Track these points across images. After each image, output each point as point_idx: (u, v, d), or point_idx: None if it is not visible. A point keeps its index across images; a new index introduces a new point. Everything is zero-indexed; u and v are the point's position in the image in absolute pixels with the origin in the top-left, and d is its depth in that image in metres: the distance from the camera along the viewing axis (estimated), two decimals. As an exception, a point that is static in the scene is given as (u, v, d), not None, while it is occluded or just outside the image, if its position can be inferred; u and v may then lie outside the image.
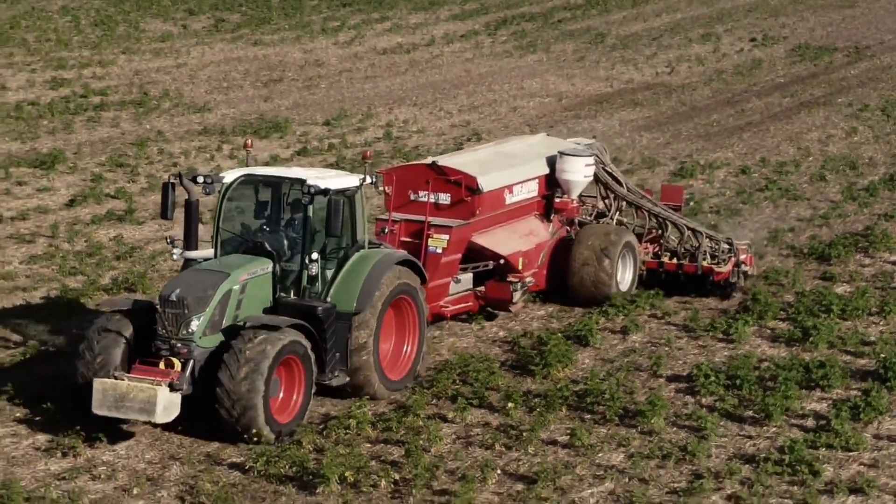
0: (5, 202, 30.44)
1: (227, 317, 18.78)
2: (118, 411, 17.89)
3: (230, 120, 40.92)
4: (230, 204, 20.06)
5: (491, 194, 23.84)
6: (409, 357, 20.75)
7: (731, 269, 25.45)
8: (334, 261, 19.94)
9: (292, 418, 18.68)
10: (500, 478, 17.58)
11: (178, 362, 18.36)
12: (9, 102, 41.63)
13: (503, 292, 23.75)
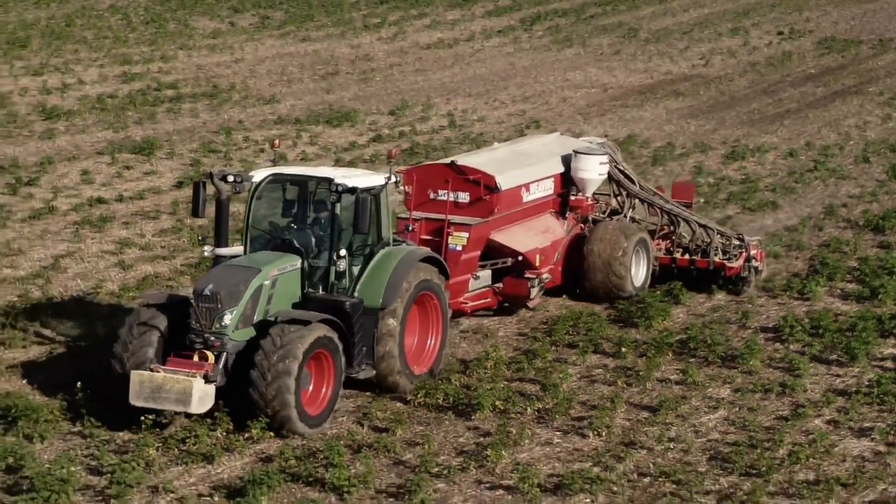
0: (120, 184, 33.29)
1: (259, 311, 19.45)
2: (155, 402, 18.55)
3: (299, 110, 43.79)
4: (259, 202, 20.70)
5: (509, 193, 24.48)
6: (432, 351, 21.43)
7: (743, 265, 26.19)
8: (360, 257, 20.59)
9: (322, 410, 19.33)
10: (627, 407, 20.47)
11: (211, 355, 18.96)
12: (89, 95, 44.46)
13: (521, 288, 24.34)
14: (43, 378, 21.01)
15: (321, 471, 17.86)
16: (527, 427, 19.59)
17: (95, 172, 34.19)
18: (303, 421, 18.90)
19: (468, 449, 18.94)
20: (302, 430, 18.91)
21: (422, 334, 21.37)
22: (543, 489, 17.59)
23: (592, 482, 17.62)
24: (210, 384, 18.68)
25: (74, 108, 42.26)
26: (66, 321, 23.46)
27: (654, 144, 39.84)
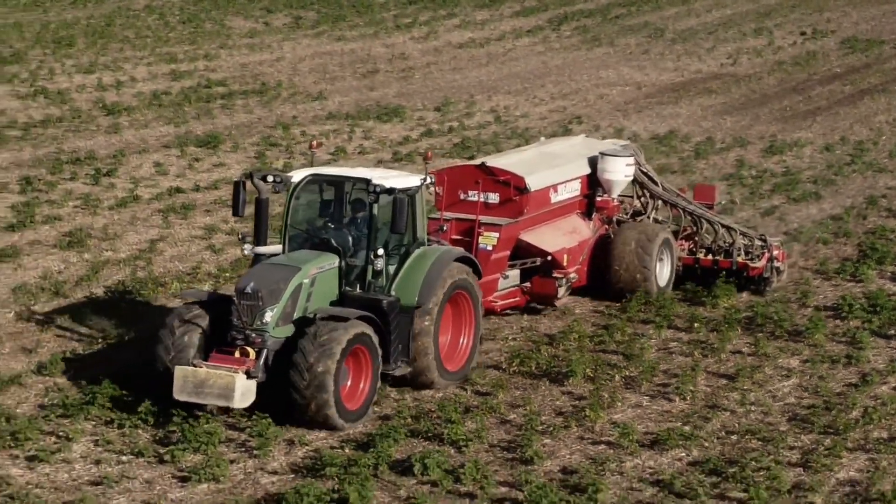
0: (193, 175, 35.14)
1: (298, 308, 19.91)
2: (198, 397, 19.06)
3: (348, 106, 45.62)
4: (298, 202, 21.21)
5: (538, 193, 24.97)
6: (465, 349, 21.89)
7: (765, 265, 26.73)
8: (396, 257, 21.01)
9: (360, 405, 19.83)
10: (706, 375, 22.32)
11: (252, 351, 19.44)
12: (143, 92, 46.31)
13: (549, 287, 24.83)
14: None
15: (438, 427, 19.66)
16: (617, 392, 21.42)
17: (168, 164, 36.01)
18: (341, 415, 19.40)
19: (566, 410, 20.77)
20: (340, 424, 19.40)
21: (455, 332, 21.84)
22: (641, 444, 19.40)
23: (686, 438, 19.44)
24: (252, 380, 19.18)
25: (133, 104, 44.10)
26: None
27: (695, 139, 41.69)
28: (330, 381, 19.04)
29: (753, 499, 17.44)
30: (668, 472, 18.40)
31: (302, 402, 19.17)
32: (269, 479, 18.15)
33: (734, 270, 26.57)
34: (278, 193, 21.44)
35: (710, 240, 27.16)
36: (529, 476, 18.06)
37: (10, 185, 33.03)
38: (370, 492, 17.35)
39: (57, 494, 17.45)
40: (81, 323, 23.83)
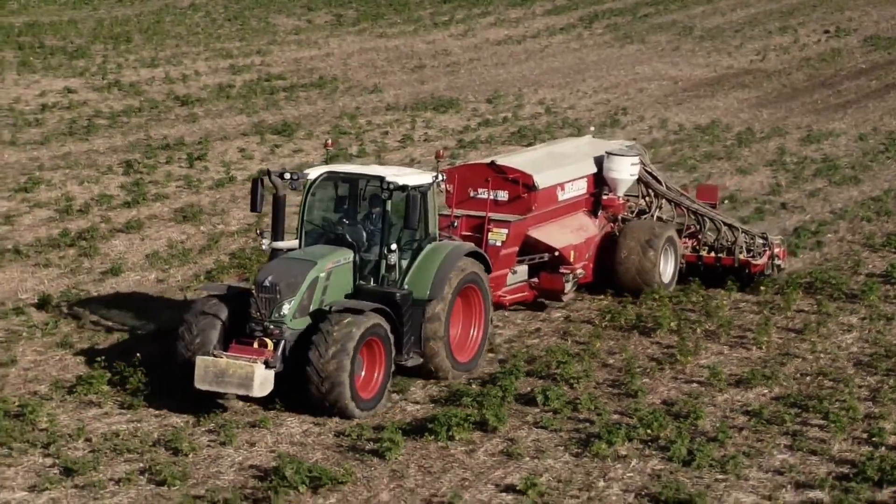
0: (276, 159, 38.21)
1: (315, 301, 20.66)
2: (218, 386, 19.76)
3: (404, 99, 48.74)
4: (313, 198, 21.96)
5: (545, 191, 25.79)
6: (475, 341, 22.77)
7: (767, 262, 27.71)
8: (409, 252, 21.77)
9: (374, 395, 20.64)
10: (776, 330, 25.40)
11: (270, 342, 20.16)
12: (209, 85, 49.44)
13: (556, 283, 25.72)
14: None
15: (550, 369, 22.75)
16: (700, 342, 24.52)
17: (251, 150, 39.10)
18: (356, 404, 20.20)
19: (658, 356, 23.86)
20: (355, 413, 20.21)
21: (465, 325, 22.66)
22: (728, 383, 22.49)
23: (767, 378, 22.54)
24: (270, 370, 19.88)
25: (202, 96, 47.20)
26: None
27: (736, 129, 44.77)
28: (345, 372, 19.81)
29: (834, 423, 20.50)
30: (755, 405, 21.48)
31: (318, 391, 19.95)
32: (414, 408, 21.22)
33: (736, 267, 27.52)
34: (295, 190, 22.25)
35: (713, 238, 27.97)
36: (637, 405, 21.15)
37: (113, 168, 36.11)
38: (504, 416, 20.42)
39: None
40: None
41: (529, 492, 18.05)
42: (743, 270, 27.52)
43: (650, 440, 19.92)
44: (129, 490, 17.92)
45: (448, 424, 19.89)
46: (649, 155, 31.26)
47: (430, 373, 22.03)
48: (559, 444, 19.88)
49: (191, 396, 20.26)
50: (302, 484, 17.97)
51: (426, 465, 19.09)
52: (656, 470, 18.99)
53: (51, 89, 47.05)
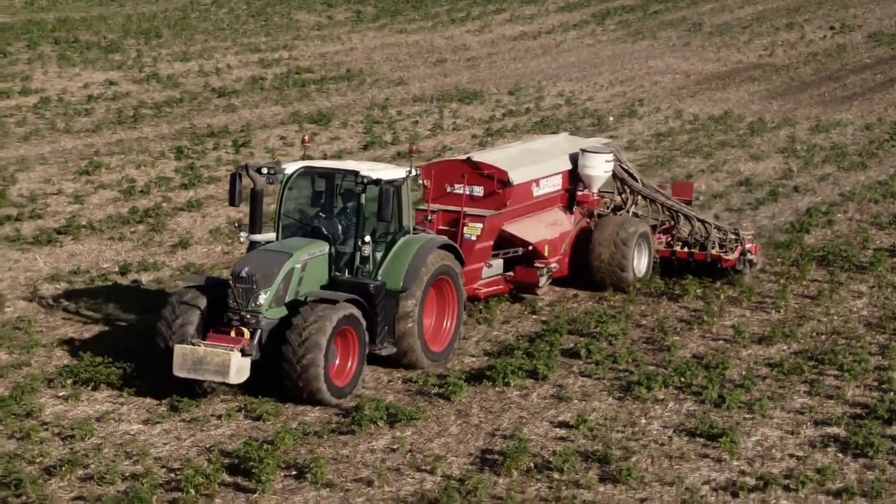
0: (315, 146, 40.82)
1: (290, 292, 21.33)
2: (196, 373, 20.44)
3: (429, 91, 51.36)
4: (290, 193, 22.62)
5: (520, 187, 26.53)
6: (448, 331, 23.49)
7: (738, 257, 28.59)
8: (383, 244, 22.48)
9: (348, 382, 21.31)
10: (793, 296, 27.99)
11: (247, 331, 20.85)
12: (241, 78, 52.06)
13: (531, 276, 26.46)
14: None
15: (589, 328, 25.36)
16: (724, 306, 27.14)
17: (290, 138, 41.72)
18: (330, 391, 20.87)
19: (686, 318, 26.48)
20: (329, 399, 20.89)
21: (439, 316, 23.37)
22: (751, 340, 25.11)
23: (786, 336, 25.15)
24: (246, 357, 20.56)
25: (237, 87, 49.83)
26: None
27: (747, 119, 47.40)
28: (320, 360, 20.47)
29: (848, 372, 23.13)
30: (776, 358, 24.09)
31: (293, 379, 20.64)
32: (471, 360, 23.84)
33: (708, 262, 28.38)
34: (272, 185, 22.99)
35: (687, 233, 28.80)
36: (670, 358, 23.78)
37: (165, 154, 38.73)
38: (553, 365, 23.05)
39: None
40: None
41: (581, 427, 20.64)
42: (715, 265, 28.42)
43: (684, 387, 22.53)
44: (230, 423, 20.52)
45: (504, 372, 22.50)
46: (654, 152, 33.78)
47: (404, 362, 22.74)
48: (603, 389, 22.49)
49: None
50: (381, 419, 20.56)
51: (487, 405, 21.70)
52: (691, 411, 21.59)
53: (93, 81, 49.65)
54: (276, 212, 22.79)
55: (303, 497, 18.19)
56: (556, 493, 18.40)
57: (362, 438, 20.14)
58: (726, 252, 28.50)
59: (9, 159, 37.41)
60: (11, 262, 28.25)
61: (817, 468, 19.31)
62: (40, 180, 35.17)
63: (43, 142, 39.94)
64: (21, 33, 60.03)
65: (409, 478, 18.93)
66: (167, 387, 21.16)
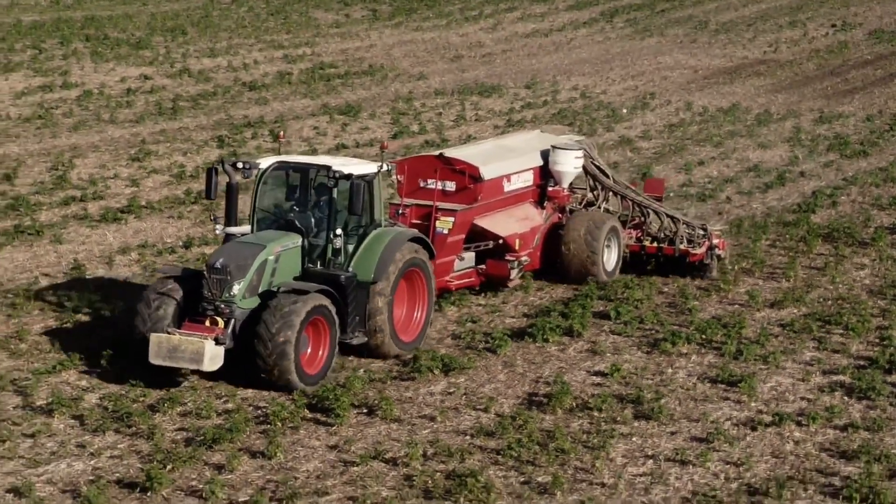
0: (348, 136, 43.55)
1: (264, 282, 22.07)
2: (171, 361, 21.14)
3: (450, 85, 54.13)
4: (265, 187, 23.38)
5: (491, 182, 27.32)
6: (419, 322, 24.33)
7: (706, 252, 29.43)
8: (355, 237, 23.25)
9: (319, 370, 22.11)
10: (801, 268, 30.70)
11: (221, 321, 21.56)
12: (269, 73, 54.83)
13: (502, 269, 27.36)
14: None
15: (616, 295, 28.08)
16: (738, 276, 29.87)
17: (323, 128, 44.45)
18: (301, 379, 21.69)
19: (704, 286, 29.20)
20: (300, 386, 21.69)
21: (410, 306, 24.19)
22: (764, 304, 27.84)
23: (796, 300, 27.90)
24: (220, 346, 21.29)
25: (266, 82, 52.59)
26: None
27: (755, 111, 50.17)
28: (291, 349, 21.28)
29: (852, 331, 25.88)
30: (787, 319, 26.83)
31: (266, 367, 21.43)
32: (511, 320, 26.58)
33: (676, 257, 29.38)
34: (247, 179, 23.90)
35: (656, 228, 29.77)
36: (692, 319, 26.53)
37: (208, 142, 41.48)
38: (586, 324, 25.80)
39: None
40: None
41: (614, 375, 23.39)
42: (683, 259, 29.42)
43: (705, 342, 25.27)
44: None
45: (543, 330, 25.26)
46: (648, 151, 36.31)
47: (375, 351, 23.57)
48: (632, 345, 25.23)
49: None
50: (437, 368, 23.31)
51: (529, 358, 24.45)
52: (712, 362, 24.33)
53: (128, 76, 52.41)
54: (251, 205, 23.61)
55: (375, 430, 20.90)
56: (597, 427, 21.12)
57: (421, 384, 22.89)
58: (694, 247, 29.40)
59: (63, 147, 40.18)
60: (83, 237, 30.97)
61: (826, 407, 22.05)
62: (96, 166, 37.93)
63: (91, 131, 42.70)
64: (52, 30, 62.75)
65: (466, 415, 21.66)
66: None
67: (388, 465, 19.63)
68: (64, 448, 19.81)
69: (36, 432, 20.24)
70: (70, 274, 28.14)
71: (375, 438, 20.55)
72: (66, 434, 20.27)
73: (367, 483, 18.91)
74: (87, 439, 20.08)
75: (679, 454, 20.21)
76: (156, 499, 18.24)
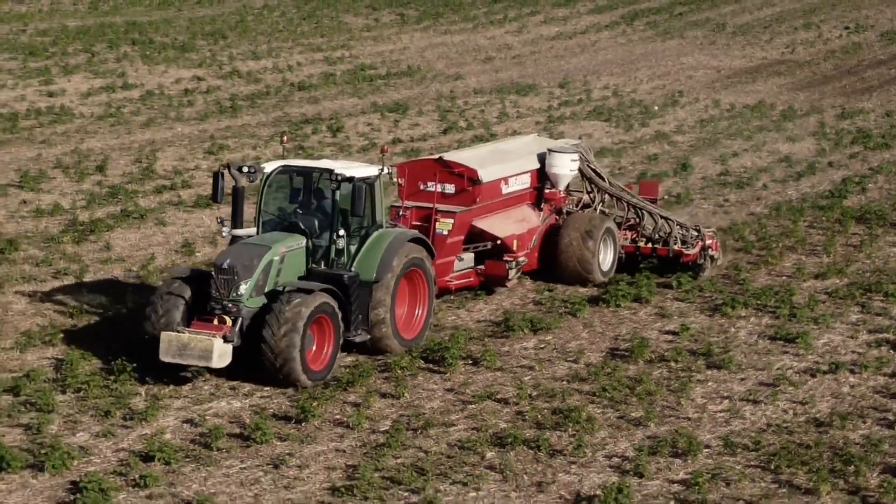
0: (400, 131, 46.75)
1: (269, 282, 22.89)
2: (181, 358, 21.98)
3: (487, 85, 57.40)
4: (270, 190, 24.24)
5: (489, 185, 28.24)
6: (419, 320, 25.26)
7: (699, 253, 30.49)
8: (357, 238, 24.13)
9: (323, 367, 22.99)
10: (840, 245, 33.91)
11: (229, 319, 22.38)
12: (313, 74, 58.11)
13: (500, 270, 28.20)
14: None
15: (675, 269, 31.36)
16: (783, 252, 33.04)
17: (376, 124, 47.69)
18: (307, 375, 22.56)
19: (753, 261, 32.43)
20: (306, 382, 22.58)
21: (411, 305, 25.12)
22: (809, 275, 31.05)
23: (838, 272, 31.12)
24: (228, 344, 22.14)
25: (313, 82, 55.87)
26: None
27: (779, 108, 53.46)
28: (296, 346, 22.11)
29: (891, 297, 29.13)
30: (832, 288, 30.02)
31: (272, 363, 22.31)
32: (584, 291, 29.76)
33: (670, 257, 30.32)
34: (253, 182, 24.66)
35: (651, 230, 30.69)
36: (746, 287, 29.71)
37: (273, 137, 44.70)
38: (653, 292, 29.03)
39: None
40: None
41: (683, 333, 26.63)
42: (676, 260, 30.37)
43: (760, 307, 28.51)
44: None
45: (616, 296, 28.52)
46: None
47: (378, 348, 24.49)
48: (695, 309, 28.48)
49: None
50: (526, 327, 26.56)
51: (605, 320, 27.72)
52: (769, 323, 27.57)
53: (182, 77, 55.66)
54: (256, 208, 24.51)
55: (483, 377, 24.16)
56: (675, 375, 24.37)
57: (514, 340, 26.14)
58: (687, 247, 30.42)
59: (139, 142, 43.45)
60: (183, 220, 34.18)
61: (875, 358, 25.31)
62: (175, 158, 41.17)
63: (161, 128, 45.95)
64: (98, 35, 66.02)
65: (559, 365, 24.93)
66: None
67: (500, 403, 22.88)
68: (219, 390, 23.03)
69: (193, 377, 23.39)
70: (181, 251, 31.34)
71: (485, 383, 23.81)
72: (217, 379, 23.41)
73: (485, 417, 22.12)
74: (237, 384, 23.26)
75: (751, 395, 23.47)
76: (310, 427, 21.45)
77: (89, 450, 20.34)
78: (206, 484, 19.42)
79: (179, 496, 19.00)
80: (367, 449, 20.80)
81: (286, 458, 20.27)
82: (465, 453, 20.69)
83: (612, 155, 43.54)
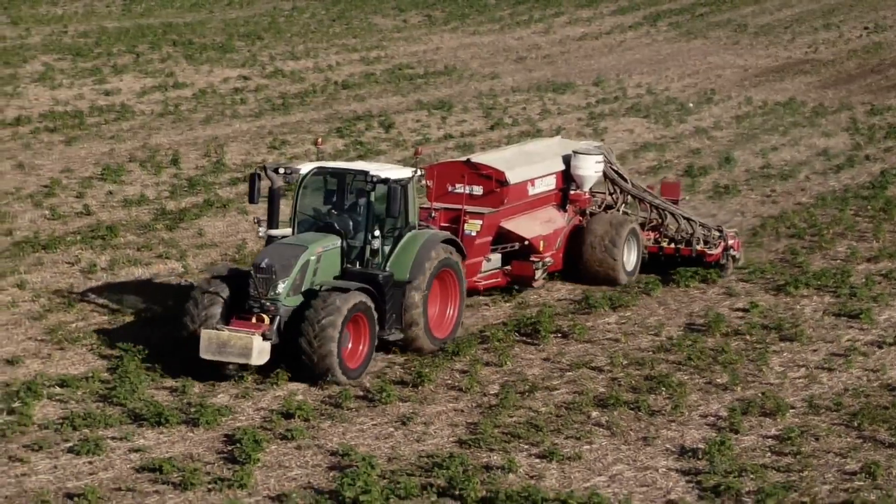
0: (447, 128, 48.75)
1: (306, 281, 23.51)
2: (221, 356, 22.55)
3: (523, 83, 59.49)
4: (305, 191, 24.88)
5: (517, 186, 28.77)
6: (451, 319, 25.89)
7: (721, 253, 31.08)
8: (391, 238, 24.70)
9: (359, 365, 23.58)
10: (888, 232, 35.99)
11: (267, 318, 22.94)
12: (354, 74, 60.20)
13: (527, 270, 28.74)
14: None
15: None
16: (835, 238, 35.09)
17: (425, 121, 49.73)
18: (343, 372, 23.14)
19: (807, 247, 34.49)
20: (343, 380, 23.18)
21: (442, 305, 25.68)
22: (863, 258, 33.13)
23: (889, 255, 33.20)
24: (267, 341, 22.73)
25: (355, 81, 57.94)
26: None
27: (810, 105, 55.58)
28: (333, 344, 22.69)
29: (926, 273, 31.37)
30: (885, 270, 32.06)
31: (310, 361, 22.87)
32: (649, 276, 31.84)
33: (693, 257, 30.91)
34: (289, 184, 25.46)
35: (674, 230, 31.29)
36: (805, 269, 31.78)
37: (331, 133, 46.76)
38: (718, 273, 31.11)
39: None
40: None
41: (753, 310, 28.72)
42: (699, 260, 30.95)
43: (820, 287, 30.58)
44: (497, 310, 28.63)
45: (684, 277, 30.60)
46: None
47: (410, 347, 25.04)
48: (760, 289, 30.56)
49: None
50: (606, 304, 28.65)
51: (678, 298, 29.80)
52: (831, 301, 29.66)
53: (228, 77, 57.74)
54: (292, 209, 25.20)
55: (574, 348, 26.26)
56: (752, 347, 26.46)
57: (596, 316, 28.24)
58: (710, 248, 31.03)
59: (203, 138, 45.53)
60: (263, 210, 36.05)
61: (937, 331, 27.49)
62: (241, 153, 43.23)
63: (220, 125, 48.03)
64: (138, 36, 68.09)
65: (642, 337, 27.03)
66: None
67: (595, 371, 24.98)
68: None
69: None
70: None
71: (577, 353, 25.92)
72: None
73: (584, 382, 24.22)
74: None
75: (825, 363, 25.58)
76: (426, 391, 23.55)
77: (233, 408, 22.41)
78: (346, 437, 21.49)
79: (324, 447, 21.07)
80: (482, 409, 22.90)
81: (412, 416, 22.36)
82: (573, 413, 22.79)
83: (656, 150, 45.63)
